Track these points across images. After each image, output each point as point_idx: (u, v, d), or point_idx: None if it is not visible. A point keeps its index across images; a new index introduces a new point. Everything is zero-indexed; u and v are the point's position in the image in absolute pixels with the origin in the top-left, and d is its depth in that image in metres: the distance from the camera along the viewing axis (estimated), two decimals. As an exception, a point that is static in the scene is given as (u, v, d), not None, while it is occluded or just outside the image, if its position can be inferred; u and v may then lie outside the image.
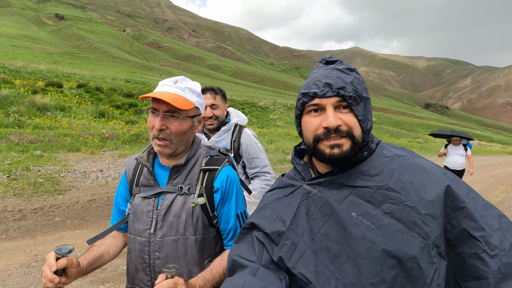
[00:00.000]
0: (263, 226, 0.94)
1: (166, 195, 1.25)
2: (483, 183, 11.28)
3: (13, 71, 23.38)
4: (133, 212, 1.29)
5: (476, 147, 35.96)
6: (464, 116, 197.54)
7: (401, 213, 0.78)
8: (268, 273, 0.86)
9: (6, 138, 7.75)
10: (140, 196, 1.28)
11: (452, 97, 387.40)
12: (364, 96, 0.88)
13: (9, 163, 6.35)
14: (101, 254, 1.26)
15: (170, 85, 1.23)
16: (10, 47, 51.93)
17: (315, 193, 0.91)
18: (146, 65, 76.95)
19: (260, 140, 14.90)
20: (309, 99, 0.87)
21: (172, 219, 1.22)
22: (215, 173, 1.27)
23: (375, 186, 0.83)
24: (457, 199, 0.79)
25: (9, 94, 12.88)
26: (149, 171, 1.29)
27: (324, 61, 0.97)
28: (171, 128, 1.18)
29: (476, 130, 74.63)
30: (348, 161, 0.87)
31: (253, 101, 32.33)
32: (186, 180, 1.26)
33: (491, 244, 0.75)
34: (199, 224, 1.23)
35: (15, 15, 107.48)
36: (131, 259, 1.28)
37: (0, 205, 4.77)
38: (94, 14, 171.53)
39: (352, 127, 0.85)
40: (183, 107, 1.16)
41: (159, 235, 1.22)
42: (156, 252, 1.22)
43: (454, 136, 7.31)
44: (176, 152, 1.24)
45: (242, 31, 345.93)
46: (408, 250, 0.75)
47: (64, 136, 8.79)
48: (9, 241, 3.80)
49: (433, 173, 0.83)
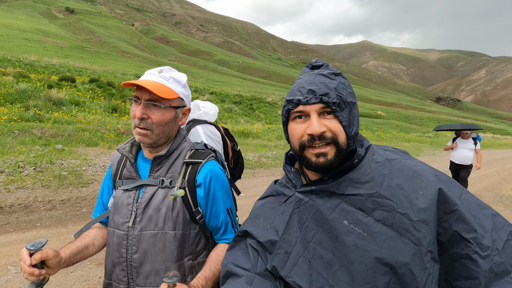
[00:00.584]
0: (256, 235, 0.94)
1: (147, 187, 1.22)
2: (496, 177, 11.24)
3: (27, 64, 23.98)
4: (114, 204, 1.27)
5: (490, 140, 35.29)
6: (477, 109, 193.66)
7: (392, 220, 0.79)
8: (264, 282, 0.87)
9: (30, 132, 8.09)
10: (121, 189, 1.26)
11: (464, 90, 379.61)
12: (349, 101, 0.88)
13: (34, 156, 6.67)
14: (86, 245, 1.25)
15: (154, 74, 1.21)
16: (23, 40, 52.78)
17: (307, 201, 0.91)
18: (155, 60, 77.39)
19: (269, 136, 15.18)
20: (294, 106, 0.88)
21: (152, 213, 1.19)
22: (198, 167, 1.23)
23: (366, 193, 0.83)
24: (448, 202, 0.80)
25: (26, 88, 13.30)
26: (130, 162, 1.26)
27: (310, 66, 0.97)
28: (152, 117, 1.16)
29: (490, 123, 73.20)
30: (334, 169, 0.87)
31: (261, 96, 32.43)
32: (168, 173, 1.23)
33: (483, 245, 0.76)
34: (179, 219, 1.19)
35: (27, 8, 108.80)
36: (109, 253, 1.25)
37: (31, 195, 5.08)
38: (103, 8, 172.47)
39: (337, 133, 0.85)
40: (166, 96, 1.14)
41: (138, 228, 1.19)
42: (134, 246, 1.19)
43: (465, 129, 7.05)
44: (158, 143, 1.21)
45: (249, 26, 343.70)
46: (400, 257, 0.75)
47: (82, 131, 9.11)
48: (44, 228, 4.10)
49: (425, 176, 0.84)
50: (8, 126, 8.17)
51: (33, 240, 1.09)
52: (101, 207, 1.38)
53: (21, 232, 3.96)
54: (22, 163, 6.23)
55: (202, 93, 26.11)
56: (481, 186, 9.42)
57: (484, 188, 9.25)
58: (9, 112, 9.63)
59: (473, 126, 7.10)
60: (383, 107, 65.48)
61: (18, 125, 8.42)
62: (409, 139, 25.72)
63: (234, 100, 26.78)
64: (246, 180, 7.59)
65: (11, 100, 11.66)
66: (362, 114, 43.95)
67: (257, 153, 11.06)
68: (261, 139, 14.12)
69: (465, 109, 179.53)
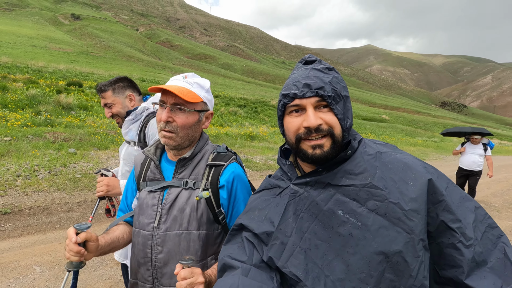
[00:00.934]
0: (252, 227, 0.96)
1: (171, 189, 1.26)
2: (505, 183, 11.22)
3: (35, 70, 24.41)
4: (139, 205, 1.31)
5: (497, 147, 35.02)
6: (483, 115, 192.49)
7: (385, 209, 0.81)
8: (260, 273, 0.88)
9: (43, 136, 8.28)
10: (146, 190, 1.30)
11: (470, 95, 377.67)
12: (343, 95, 0.91)
13: (48, 160, 6.84)
14: (117, 237, 1.30)
15: (179, 79, 1.26)
16: (30, 47, 53.58)
17: (302, 193, 0.93)
18: (159, 64, 78.06)
19: (275, 139, 15.33)
20: (290, 100, 0.90)
21: (176, 213, 1.22)
22: (221, 169, 1.26)
23: (360, 184, 0.85)
24: (436, 193, 0.83)
25: (36, 93, 13.57)
26: (155, 164, 1.30)
27: (304, 61, 0.99)
28: (177, 120, 1.20)
29: (497, 129, 72.72)
30: (330, 161, 0.89)
31: (265, 100, 32.56)
32: (191, 175, 1.27)
33: (467, 235, 0.80)
34: (203, 219, 1.23)
35: (34, 15, 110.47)
36: (134, 253, 1.29)
37: (48, 198, 5.23)
38: (108, 14, 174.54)
39: (333, 125, 0.87)
40: (190, 99, 1.18)
41: (163, 229, 1.23)
42: (159, 246, 1.22)
43: (475, 133, 6.69)
44: (182, 145, 1.25)
45: (253, 30, 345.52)
46: (394, 245, 0.78)
47: (93, 134, 9.29)
48: (64, 230, 4.24)
49: (414, 167, 0.87)
50: (22, 131, 8.37)
51: (79, 222, 1.14)
52: (125, 208, 1.42)
53: (42, 233, 4.10)
54: (37, 167, 6.40)
55: (207, 97, 26.27)
56: (489, 192, 9.42)
57: (493, 194, 9.24)
58: (21, 118, 9.85)
59: (483, 130, 6.76)
60: (388, 111, 65.36)
61: (31, 130, 8.62)
62: (414, 143, 25.67)
63: (239, 103, 26.95)
64: (254, 182, 7.69)
65: (22, 105, 11.90)
66: (367, 118, 43.94)
67: (264, 156, 11.19)
68: (267, 142, 14.25)
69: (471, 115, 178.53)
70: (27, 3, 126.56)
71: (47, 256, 3.54)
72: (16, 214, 4.59)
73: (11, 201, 4.94)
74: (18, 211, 4.69)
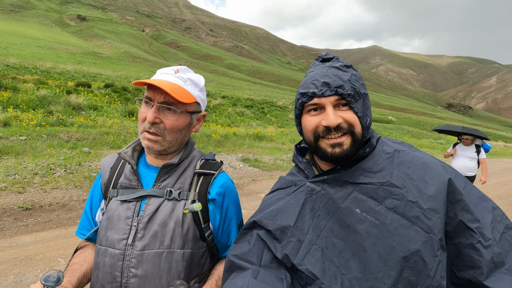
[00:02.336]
0: (265, 224, 0.94)
1: (151, 199, 1.07)
2: (510, 185, 11.21)
3: (44, 71, 24.78)
4: (107, 218, 1.08)
5: (502, 149, 34.82)
6: (488, 117, 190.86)
7: (403, 208, 0.80)
8: (269, 275, 0.86)
9: (57, 136, 8.51)
10: (118, 200, 1.08)
11: (475, 97, 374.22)
12: (362, 93, 0.89)
13: (63, 158, 7.05)
14: (85, 273, 1.08)
15: (170, 73, 1.07)
16: (36, 47, 54.30)
17: (319, 190, 0.92)
18: (165, 65, 78.60)
19: (283, 139, 15.51)
20: (308, 99, 0.89)
21: (157, 228, 1.03)
22: (211, 179, 1.11)
23: (378, 182, 0.85)
24: (455, 192, 0.82)
25: (46, 94, 13.86)
26: (132, 169, 1.11)
27: (320, 59, 0.97)
28: (165, 122, 1.03)
29: (502, 132, 72.08)
30: (349, 159, 0.88)
31: (272, 100, 32.70)
32: (176, 184, 1.09)
33: (485, 235, 0.78)
34: (189, 235, 1.05)
35: (40, 17, 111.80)
36: (98, 276, 1.05)
37: (66, 195, 5.43)
38: (114, 15, 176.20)
39: (353, 124, 0.86)
40: (183, 99, 1.00)
41: (139, 246, 1.02)
42: (132, 268, 1.01)
43: (466, 134, 5.82)
44: (168, 151, 1.08)
45: (259, 30, 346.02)
46: (412, 244, 0.76)
47: (106, 134, 9.50)
48: (84, 225, 4.41)
49: (433, 167, 0.86)
50: (37, 131, 8.60)
51: (49, 270, 0.94)
52: (89, 223, 1.18)
53: (64, 228, 4.28)
54: (53, 165, 6.60)
55: (214, 97, 26.54)
56: (494, 194, 9.45)
57: (498, 196, 9.28)
58: (33, 118, 10.09)
59: (476, 132, 5.86)
60: (394, 112, 65.09)
61: (46, 130, 8.85)
62: (421, 145, 25.63)
63: (246, 104, 27.12)
64: (265, 182, 7.84)
65: (33, 106, 12.18)
66: (373, 119, 43.56)
67: (273, 156, 11.35)
68: (275, 142, 14.40)
69: (476, 116, 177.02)
70: (33, 4, 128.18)
71: (71, 250, 3.71)
72: (37, 210, 4.78)
73: (31, 198, 5.13)
74: (38, 207, 4.88)
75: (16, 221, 4.37)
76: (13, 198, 5.04)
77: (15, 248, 3.69)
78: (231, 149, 11.46)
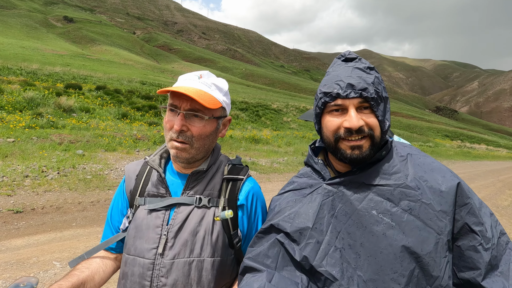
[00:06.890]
0: (283, 227, 0.94)
1: (180, 207, 1.05)
2: (492, 188, 11.47)
3: (30, 73, 23.81)
4: (135, 227, 1.07)
5: (484, 152, 35.91)
6: (471, 120, 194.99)
7: (418, 210, 0.83)
8: (284, 279, 0.87)
9: (48, 138, 8.30)
10: (146, 208, 1.07)
11: (460, 101, 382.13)
12: (384, 96, 0.90)
13: (56, 161, 6.87)
14: (83, 281, 1.03)
15: (193, 79, 1.05)
16: (20, 48, 52.96)
17: (336, 192, 0.93)
18: (158, 67, 78.07)
19: (278, 142, 15.53)
20: (332, 99, 0.88)
21: (187, 237, 1.02)
22: (239, 184, 1.10)
23: (394, 184, 0.87)
24: (463, 196, 0.86)
25: (34, 96, 13.52)
26: (160, 177, 1.09)
27: (343, 58, 0.96)
28: (193, 130, 1.01)
29: (484, 135, 73.88)
30: (367, 161, 0.90)
31: (266, 103, 32.72)
32: (205, 191, 1.07)
33: (487, 238, 0.82)
34: (219, 243, 1.04)
35: (22, 17, 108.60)
36: (126, 286, 1.04)
37: (60, 197, 5.28)
38: (103, 17, 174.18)
39: (373, 127, 0.87)
40: (210, 105, 0.99)
41: (169, 255, 1.01)
42: (162, 277, 1.00)
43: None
44: (196, 157, 1.06)
45: (251, 33, 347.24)
46: (425, 246, 0.79)
47: (100, 137, 9.32)
48: (81, 228, 4.29)
49: (443, 170, 0.90)
50: (26, 133, 8.38)
51: (23, 277, 0.86)
52: (111, 232, 1.17)
53: (59, 231, 4.15)
54: (45, 168, 6.43)
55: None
56: (479, 196, 9.70)
57: (482, 198, 9.49)
58: (21, 119, 9.82)
59: None
60: (383, 116, 65.73)
61: (36, 132, 8.63)
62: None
63: (240, 107, 27.09)
64: (262, 185, 7.78)
65: (20, 108, 11.85)
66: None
67: (269, 159, 11.33)
68: (271, 145, 14.41)
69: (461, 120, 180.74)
70: (14, 4, 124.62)
71: (67, 253, 3.59)
72: (29, 213, 4.63)
73: (21, 201, 4.97)
74: (30, 210, 4.73)
75: (5, 224, 4.22)
76: (1, 201, 4.87)
77: (4, 252, 3.55)
78: (227, 152, 11.39)
